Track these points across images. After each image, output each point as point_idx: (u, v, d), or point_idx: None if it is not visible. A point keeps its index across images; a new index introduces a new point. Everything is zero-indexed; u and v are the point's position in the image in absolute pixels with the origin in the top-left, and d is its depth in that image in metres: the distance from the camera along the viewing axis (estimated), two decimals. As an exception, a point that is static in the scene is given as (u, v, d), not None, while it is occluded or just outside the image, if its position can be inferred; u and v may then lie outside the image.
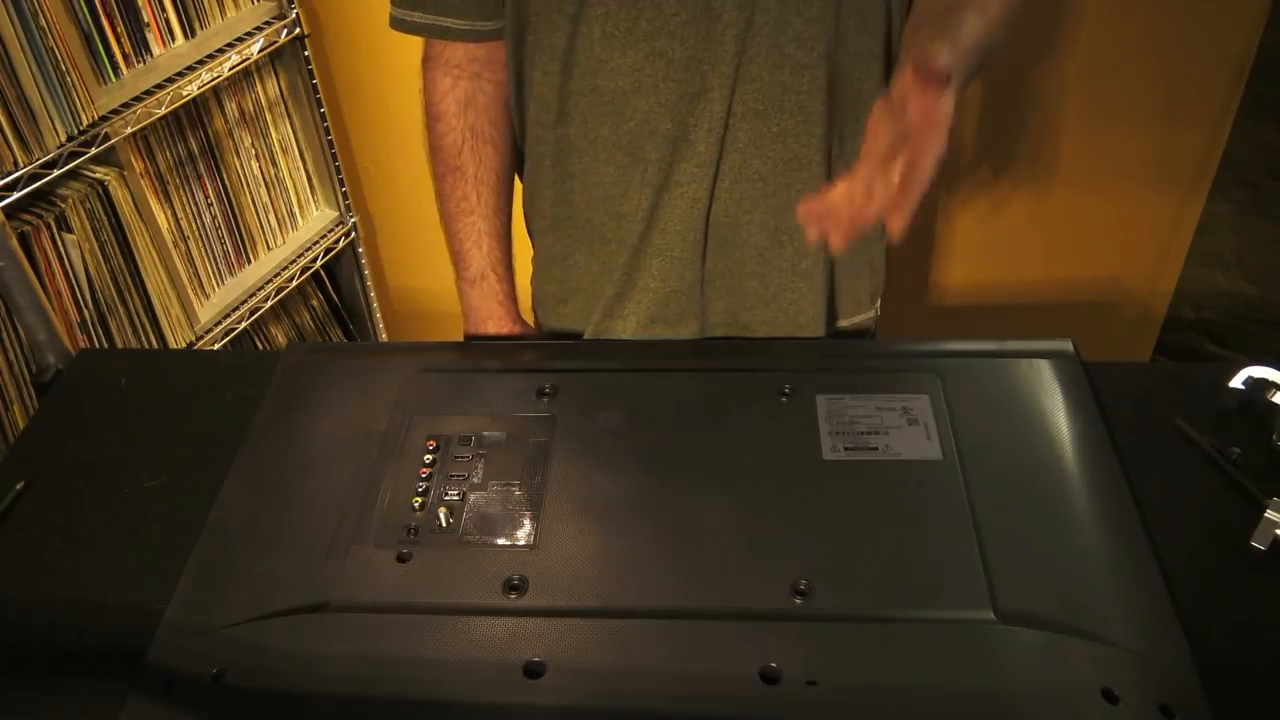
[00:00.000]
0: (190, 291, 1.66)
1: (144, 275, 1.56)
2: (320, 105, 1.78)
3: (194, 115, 1.61)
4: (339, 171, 1.86)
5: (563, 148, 0.94)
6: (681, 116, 0.88)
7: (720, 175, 0.91)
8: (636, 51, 0.86)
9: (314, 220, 1.90)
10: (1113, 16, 1.57)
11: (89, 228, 1.47)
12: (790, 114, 0.88)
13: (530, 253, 1.08)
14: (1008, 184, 1.77)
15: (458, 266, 1.04)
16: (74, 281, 1.47)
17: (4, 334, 1.42)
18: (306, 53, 1.73)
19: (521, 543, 0.75)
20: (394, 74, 1.80)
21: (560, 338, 1.08)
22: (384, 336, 2.09)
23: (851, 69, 0.88)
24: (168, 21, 1.52)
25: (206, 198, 1.67)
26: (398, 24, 0.95)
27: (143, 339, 1.59)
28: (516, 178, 1.05)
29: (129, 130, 1.46)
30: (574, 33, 0.87)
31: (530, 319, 1.12)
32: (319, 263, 1.86)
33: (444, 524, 0.77)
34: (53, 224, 1.42)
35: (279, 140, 1.78)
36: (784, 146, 0.89)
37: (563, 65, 0.89)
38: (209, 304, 1.71)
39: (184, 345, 1.64)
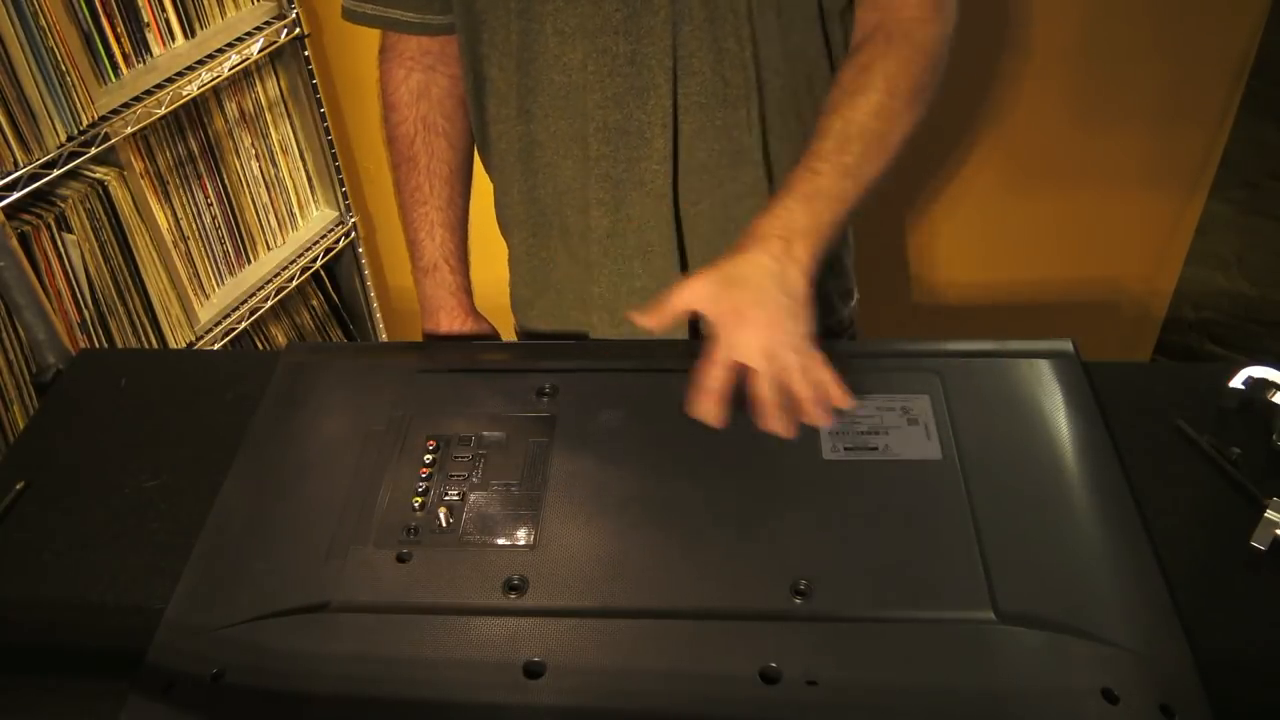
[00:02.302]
0: (190, 291, 1.66)
1: (144, 275, 1.56)
2: (320, 105, 1.78)
3: (194, 115, 1.61)
4: (339, 171, 1.86)
5: (526, 144, 0.94)
6: (630, 111, 0.88)
7: (678, 170, 0.92)
8: (584, 47, 0.87)
9: (314, 220, 1.90)
10: (1113, 16, 1.57)
11: (89, 228, 1.47)
12: (732, 108, 0.89)
13: (505, 253, 1.08)
14: (1007, 184, 1.77)
15: (412, 256, 1.05)
16: (74, 281, 1.47)
17: (4, 334, 1.42)
18: (306, 53, 1.73)
19: (521, 543, 0.75)
20: (394, 74, 1.79)
21: (535, 337, 1.08)
22: (384, 336, 2.08)
23: (789, 68, 0.89)
24: (168, 21, 1.52)
25: (206, 198, 1.67)
26: (349, 15, 0.97)
27: (143, 339, 1.59)
28: (484, 171, 1.05)
29: (129, 130, 1.46)
30: (526, 29, 0.88)
31: (508, 319, 1.12)
32: (319, 263, 1.86)
33: (444, 524, 0.77)
34: (53, 224, 1.42)
35: (279, 140, 1.78)
36: (728, 140, 0.90)
37: (518, 62, 0.90)
38: (209, 304, 1.71)
39: (184, 345, 1.64)
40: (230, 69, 1.58)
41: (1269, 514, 0.73)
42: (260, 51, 1.64)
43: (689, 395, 0.75)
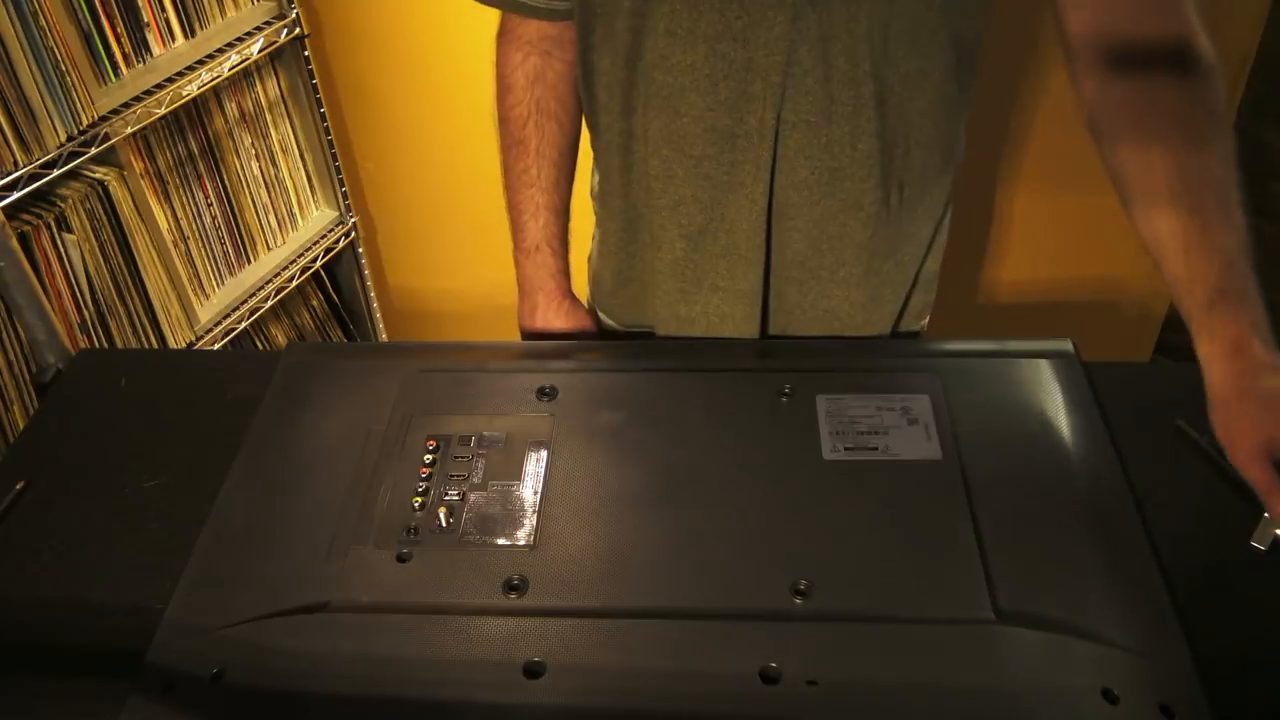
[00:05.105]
0: (190, 291, 1.66)
1: (144, 275, 1.56)
2: (320, 105, 1.78)
3: (194, 115, 1.61)
4: (339, 171, 1.86)
5: (626, 137, 0.95)
6: (740, 115, 0.89)
7: (775, 179, 0.92)
8: (697, 50, 0.87)
9: (314, 220, 1.90)
10: (1113, 16, 1.57)
11: (89, 228, 1.47)
12: (838, 125, 0.89)
13: (588, 231, 1.09)
14: (1007, 184, 1.77)
15: (515, 236, 1.06)
16: (74, 281, 1.47)
17: (4, 334, 1.42)
18: (306, 53, 1.73)
19: (521, 543, 0.75)
20: (394, 74, 1.79)
21: (610, 324, 1.09)
22: (384, 336, 2.09)
23: (901, 88, 0.89)
24: (168, 21, 1.52)
25: (206, 198, 1.67)
26: None
27: (143, 339, 1.59)
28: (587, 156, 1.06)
29: (129, 130, 1.46)
30: (640, 27, 0.88)
31: (583, 296, 1.12)
32: (319, 263, 1.86)
33: (444, 524, 0.77)
34: (53, 224, 1.42)
35: (279, 140, 1.78)
36: (830, 157, 0.90)
37: (627, 58, 0.90)
38: (209, 304, 1.71)
39: (184, 345, 1.64)
40: (230, 69, 1.58)
41: (1269, 514, 0.73)
42: (260, 52, 1.64)
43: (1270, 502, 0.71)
